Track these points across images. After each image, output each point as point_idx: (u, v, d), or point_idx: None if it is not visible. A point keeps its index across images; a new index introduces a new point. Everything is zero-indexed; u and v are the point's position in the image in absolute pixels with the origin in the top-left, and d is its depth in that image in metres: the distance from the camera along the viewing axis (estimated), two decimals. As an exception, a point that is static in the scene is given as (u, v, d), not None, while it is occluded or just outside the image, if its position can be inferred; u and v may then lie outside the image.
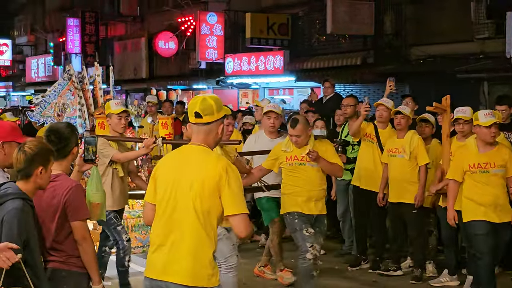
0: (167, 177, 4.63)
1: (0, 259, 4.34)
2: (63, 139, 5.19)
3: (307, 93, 19.36)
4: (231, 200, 4.50)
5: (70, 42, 35.29)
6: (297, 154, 7.90)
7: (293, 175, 7.99)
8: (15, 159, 4.75)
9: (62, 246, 5.07)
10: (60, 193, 5.02)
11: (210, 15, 24.97)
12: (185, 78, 27.69)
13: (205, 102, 4.62)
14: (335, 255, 10.71)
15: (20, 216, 4.58)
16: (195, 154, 4.63)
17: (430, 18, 18.12)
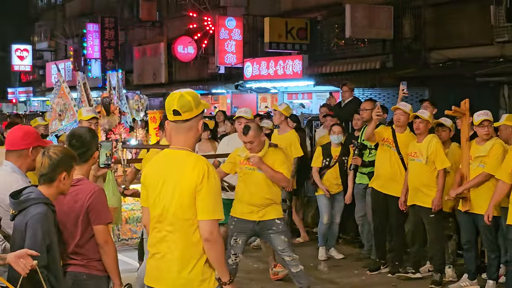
0: (155, 185, 4.57)
1: (19, 266, 4.39)
2: (85, 143, 5.22)
3: (325, 97, 19.35)
4: (203, 204, 4.40)
5: (90, 47, 35.47)
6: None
7: (243, 180, 8.11)
8: (39, 163, 4.81)
9: (83, 249, 5.09)
10: (83, 197, 5.05)
11: (229, 20, 25.01)
12: (204, 82, 27.74)
13: (183, 99, 4.50)
14: (354, 259, 10.69)
15: (44, 221, 4.64)
16: (177, 160, 4.52)
17: (449, 22, 18.05)
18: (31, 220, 4.61)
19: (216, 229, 4.43)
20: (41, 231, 4.62)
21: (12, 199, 4.74)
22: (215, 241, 4.40)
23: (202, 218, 4.39)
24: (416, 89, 18.70)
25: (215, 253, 4.42)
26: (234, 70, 25.46)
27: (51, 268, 4.68)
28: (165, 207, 4.48)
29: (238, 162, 8.14)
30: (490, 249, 8.74)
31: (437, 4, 18.50)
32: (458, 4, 17.78)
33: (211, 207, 4.40)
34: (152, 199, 4.55)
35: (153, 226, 4.58)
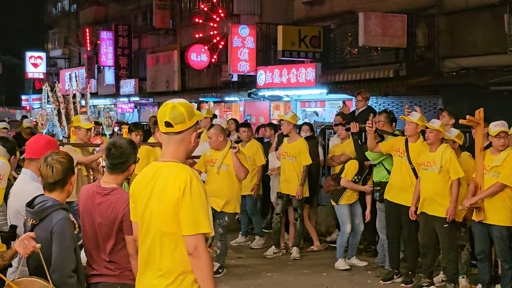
0: (141, 199, 4.37)
1: (21, 247, 4.39)
2: (123, 154, 5.18)
3: (338, 106, 19.34)
4: (185, 218, 4.16)
5: (103, 55, 35.60)
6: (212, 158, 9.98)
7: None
8: (49, 171, 4.81)
9: (116, 259, 5.11)
10: (118, 206, 5.05)
11: (242, 28, 25.06)
12: (217, 90, 27.79)
13: (175, 110, 4.25)
14: (367, 269, 10.65)
15: (69, 226, 4.70)
16: (162, 173, 4.29)
17: (463, 30, 18.03)
18: (57, 226, 4.65)
19: (201, 243, 4.16)
20: (69, 235, 4.67)
21: (30, 209, 4.77)
22: (199, 256, 4.16)
23: (185, 233, 4.15)
24: (429, 97, 18.70)
25: (201, 269, 4.17)
26: (247, 78, 25.51)
27: (78, 273, 4.72)
28: (152, 222, 4.28)
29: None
30: (504, 259, 8.69)
31: (450, 12, 18.48)
32: (472, 12, 17.76)
33: (195, 221, 4.15)
34: (140, 213, 4.37)
35: (142, 241, 4.40)
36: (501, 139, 8.55)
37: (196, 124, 4.39)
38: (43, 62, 47.88)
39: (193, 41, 28.84)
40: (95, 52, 37.11)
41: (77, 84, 12.14)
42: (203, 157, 10.09)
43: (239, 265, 10.88)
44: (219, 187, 9.82)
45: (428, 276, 9.43)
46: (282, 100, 25.02)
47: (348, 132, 11.72)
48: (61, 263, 4.52)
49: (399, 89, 18.99)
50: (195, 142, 4.42)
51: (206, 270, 4.19)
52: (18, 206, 5.19)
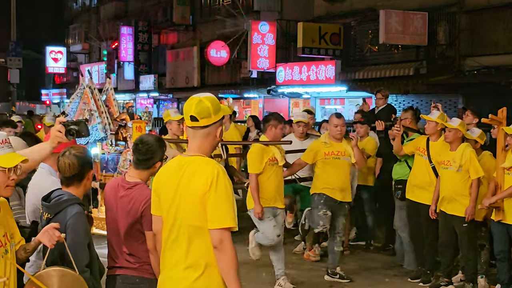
0: (167, 193, 4.38)
1: (45, 237, 4.40)
2: (149, 151, 5.22)
3: (358, 103, 19.28)
4: (212, 212, 4.18)
5: (123, 50, 35.71)
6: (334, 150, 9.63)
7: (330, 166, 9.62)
8: (66, 165, 4.84)
9: (136, 252, 5.14)
10: (138, 201, 5.08)
11: (262, 24, 25.04)
12: (236, 87, 27.80)
13: (201, 104, 4.27)
14: (385, 267, 10.62)
15: (83, 221, 4.73)
16: (188, 167, 4.31)
17: (484, 29, 17.92)
18: (71, 220, 4.67)
19: (227, 237, 4.17)
20: (82, 230, 4.70)
21: (46, 203, 4.79)
22: (224, 250, 4.17)
23: (211, 227, 4.18)
24: (449, 96, 18.60)
25: (225, 263, 4.18)
26: (267, 75, 25.49)
27: (91, 268, 4.73)
28: (178, 215, 4.30)
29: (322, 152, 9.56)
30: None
31: (472, 10, 18.38)
32: (493, 11, 17.65)
33: (221, 215, 4.17)
34: (166, 207, 4.38)
35: (167, 234, 4.40)
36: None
37: (222, 119, 4.39)
38: (63, 57, 48.12)
39: (213, 37, 28.86)
40: (115, 48, 37.21)
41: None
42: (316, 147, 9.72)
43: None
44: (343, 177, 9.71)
45: (446, 275, 9.38)
46: (301, 97, 25.00)
47: (367, 130, 11.70)
48: (74, 257, 4.53)
49: (419, 87, 18.92)
50: (220, 137, 4.41)
51: (230, 264, 4.19)
52: (35, 200, 5.23)
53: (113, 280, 5.23)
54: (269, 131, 9.12)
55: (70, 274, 4.47)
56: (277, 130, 9.10)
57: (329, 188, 9.56)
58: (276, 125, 9.08)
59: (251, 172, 9.00)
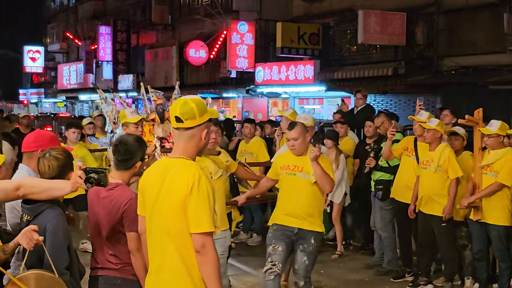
0: (150, 194, 4.39)
1: (24, 240, 4.39)
2: (129, 151, 5.23)
3: (336, 103, 19.34)
4: (193, 216, 4.17)
5: (102, 50, 35.57)
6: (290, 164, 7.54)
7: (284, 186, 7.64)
8: (46, 167, 4.83)
9: (118, 253, 5.14)
10: (119, 202, 5.08)
11: (241, 24, 25.04)
12: (215, 86, 27.78)
13: (186, 106, 4.28)
14: (364, 267, 10.65)
15: (63, 223, 4.69)
16: (171, 169, 4.30)
17: (462, 29, 18.03)
18: (50, 223, 4.64)
19: (209, 242, 4.17)
20: (62, 232, 4.67)
21: (25, 204, 4.76)
22: (206, 254, 4.17)
23: (193, 231, 4.17)
24: (428, 96, 18.70)
25: (207, 267, 4.18)
26: (246, 75, 25.50)
27: (71, 270, 4.71)
28: (160, 218, 4.30)
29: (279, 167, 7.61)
30: (502, 258, 8.69)
31: (450, 11, 18.49)
32: (471, 11, 17.77)
33: (202, 219, 4.16)
34: (149, 208, 4.39)
35: (149, 237, 4.43)
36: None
37: (208, 121, 4.39)
38: (41, 57, 47.89)
39: (192, 37, 28.82)
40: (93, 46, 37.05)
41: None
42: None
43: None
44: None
45: (425, 275, 9.43)
46: (280, 97, 25.03)
47: (347, 130, 11.76)
48: (53, 260, 4.51)
49: (397, 87, 19.01)
50: (206, 140, 4.40)
51: (212, 268, 4.19)
52: (14, 202, 5.18)
53: (95, 281, 5.23)
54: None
55: (49, 277, 4.45)
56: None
57: (282, 214, 7.60)
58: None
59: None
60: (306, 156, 7.32)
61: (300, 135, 7.33)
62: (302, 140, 7.35)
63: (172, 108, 4.35)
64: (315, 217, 7.42)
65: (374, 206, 10.47)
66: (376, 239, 10.71)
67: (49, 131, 7.04)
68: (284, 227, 7.43)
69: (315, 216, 7.42)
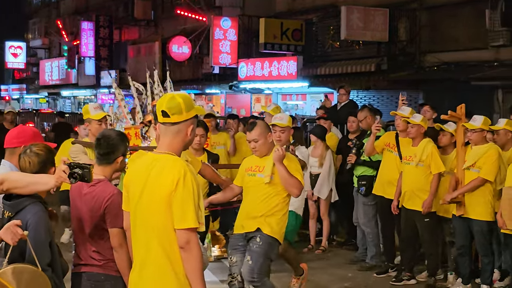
0: (135, 190, 4.38)
1: (8, 235, 4.37)
2: (110, 146, 5.19)
3: (319, 99, 19.37)
4: (177, 212, 4.17)
5: (84, 46, 35.42)
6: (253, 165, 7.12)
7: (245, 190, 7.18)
8: (27, 163, 4.81)
9: (101, 250, 5.12)
10: (101, 198, 5.06)
11: (224, 20, 25.01)
12: (198, 82, 27.75)
13: (173, 101, 4.29)
14: (348, 262, 10.68)
15: (44, 219, 4.67)
16: (157, 164, 4.30)
17: (445, 25, 18.10)
18: (32, 219, 4.61)
19: (193, 238, 4.17)
20: (43, 228, 4.64)
21: (6, 201, 4.73)
22: (190, 250, 4.17)
23: (177, 227, 4.17)
24: (410, 92, 18.74)
25: (190, 263, 4.19)
26: (229, 71, 25.49)
27: (54, 266, 4.69)
28: (145, 214, 4.29)
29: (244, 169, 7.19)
30: (484, 253, 8.74)
31: (432, 7, 18.56)
32: (453, 8, 17.85)
33: (187, 215, 4.16)
34: (133, 204, 4.38)
35: (133, 232, 4.43)
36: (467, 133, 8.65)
37: (195, 117, 4.39)
38: (23, 52, 47.61)
39: (175, 32, 28.75)
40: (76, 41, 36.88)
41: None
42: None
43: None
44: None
45: (408, 270, 9.47)
46: (263, 93, 25.04)
47: (330, 125, 11.77)
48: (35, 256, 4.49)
49: (380, 83, 19.07)
50: (192, 135, 4.40)
51: (196, 264, 4.20)
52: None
53: (78, 277, 5.21)
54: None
55: (31, 270, 4.44)
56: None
57: (238, 221, 7.16)
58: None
59: None
60: (269, 156, 6.90)
61: (260, 135, 6.92)
62: (263, 141, 6.92)
63: (159, 102, 4.35)
64: (267, 219, 6.85)
65: (357, 202, 10.49)
66: (359, 235, 10.73)
67: (32, 127, 7.01)
68: (238, 235, 7.05)
69: (267, 219, 6.85)
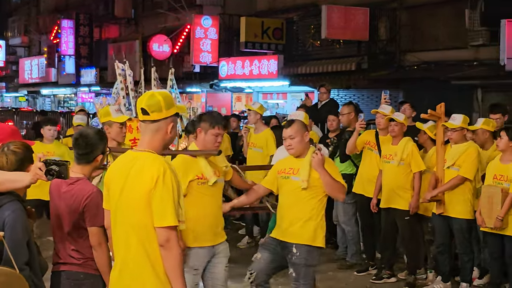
0: (115, 188, 4.38)
1: None
2: (89, 145, 5.17)
3: (300, 98, 19.40)
4: (157, 210, 4.17)
5: (64, 44, 35.25)
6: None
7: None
8: (4, 161, 4.76)
9: (80, 248, 5.11)
10: (79, 196, 5.05)
11: (205, 19, 24.96)
12: (179, 81, 27.57)
13: (153, 98, 4.29)
14: (328, 261, 10.70)
15: (22, 218, 4.63)
16: (136, 162, 4.30)
17: (425, 25, 18.18)
18: (9, 218, 4.57)
19: (173, 236, 4.17)
20: (21, 227, 4.61)
21: None
22: (170, 249, 4.17)
23: (157, 225, 4.18)
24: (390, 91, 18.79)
25: (170, 261, 4.18)
26: (209, 69, 25.45)
27: (32, 265, 4.67)
28: (125, 212, 4.30)
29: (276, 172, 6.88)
30: (464, 251, 8.79)
31: (412, 7, 18.64)
32: (433, 7, 17.92)
33: (166, 213, 4.16)
34: (114, 202, 4.39)
35: (114, 231, 4.43)
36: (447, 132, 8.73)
37: (176, 116, 4.39)
38: (2, 50, 47.24)
39: (155, 31, 28.68)
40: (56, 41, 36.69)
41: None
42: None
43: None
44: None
45: (388, 268, 9.51)
46: (244, 91, 25.04)
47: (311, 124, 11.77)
48: (12, 255, 4.46)
49: (360, 82, 19.11)
50: (173, 133, 4.39)
51: (175, 262, 4.20)
52: None
53: (57, 276, 5.20)
54: (198, 136, 6.43)
55: (8, 272, 4.41)
56: (208, 137, 6.33)
57: (274, 224, 7.11)
58: (207, 129, 6.31)
59: None
60: (304, 159, 6.64)
61: (297, 133, 6.65)
62: (299, 139, 6.65)
63: (139, 100, 4.34)
64: (304, 226, 6.60)
65: (337, 200, 10.52)
66: (339, 233, 10.77)
67: (10, 125, 6.94)
68: (273, 239, 6.82)
69: (304, 225, 6.60)
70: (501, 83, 15.71)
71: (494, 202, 8.08)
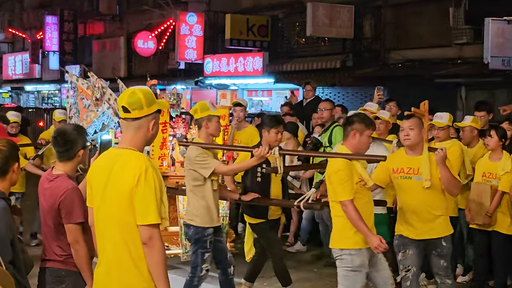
0: (98, 186, 4.36)
1: None
2: (68, 141, 5.18)
3: (285, 95, 19.43)
4: (139, 208, 4.18)
5: (48, 40, 35.09)
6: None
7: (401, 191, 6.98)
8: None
9: (62, 245, 5.12)
10: (55, 194, 5.07)
11: (190, 16, 24.93)
12: (164, 78, 27.59)
13: (134, 96, 4.28)
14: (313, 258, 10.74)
15: (5, 216, 4.63)
16: (118, 160, 4.29)
17: (409, 23, 18.26)
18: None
19: (156, 234, 4.17)
20: (4, 225, 4.61)
21: None
22: (153, 246, 4.17)
23: (140, 223, 4.18)
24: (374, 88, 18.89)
25: (154, 259, 4.19)
26: (194, 66, 25.42)
27: (16, 263, 4.66)
28: (107, 209, 4.29)
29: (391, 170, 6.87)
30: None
31: (397, 5, 18.71)
32: (418, 5, 18.00)
33: (148, 211, 4.16)
34: (96, 200, 4.37)
35: (97, 228, 4.42)
36: (434, 131, 8.73)
37: (157, 112, 4.38)
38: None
39: (140, 27, 28.62)
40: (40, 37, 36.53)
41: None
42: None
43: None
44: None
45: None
46: (229, 88, 25.03)
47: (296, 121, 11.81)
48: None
49: (345, 79, 19.18)
50: (155, 130, 4.38)
51: (159, 260, 4.21)
52: None
53: (43, 272, 5.23)
54: (351, 138, 6.47)
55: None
56: (363, 138, 6.44)
57: (404, 225, 6.97)
58: (363, 131, 6.43)
59: (346, 198, 6.28)
60: (421, 157, 6.69)
61: (416, 126, 6.72)
62: (417, 131, 6.72)
63: (119, 97, 4.34)
64: (441, 220, 6.83)
65: (323, 198, 10.54)
66: (322, 230, 10.79)
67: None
68: (409, 239, 6.89)
69: (441, 220, 6.83)
70: (485, 81, 15.81)
71: (484, 199, 8.13)
